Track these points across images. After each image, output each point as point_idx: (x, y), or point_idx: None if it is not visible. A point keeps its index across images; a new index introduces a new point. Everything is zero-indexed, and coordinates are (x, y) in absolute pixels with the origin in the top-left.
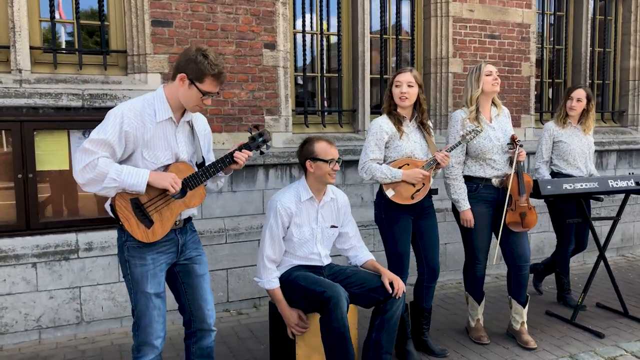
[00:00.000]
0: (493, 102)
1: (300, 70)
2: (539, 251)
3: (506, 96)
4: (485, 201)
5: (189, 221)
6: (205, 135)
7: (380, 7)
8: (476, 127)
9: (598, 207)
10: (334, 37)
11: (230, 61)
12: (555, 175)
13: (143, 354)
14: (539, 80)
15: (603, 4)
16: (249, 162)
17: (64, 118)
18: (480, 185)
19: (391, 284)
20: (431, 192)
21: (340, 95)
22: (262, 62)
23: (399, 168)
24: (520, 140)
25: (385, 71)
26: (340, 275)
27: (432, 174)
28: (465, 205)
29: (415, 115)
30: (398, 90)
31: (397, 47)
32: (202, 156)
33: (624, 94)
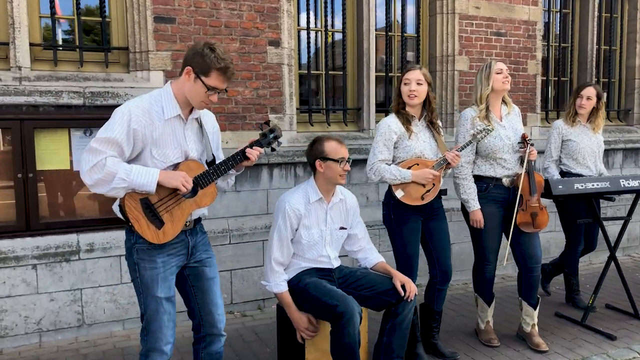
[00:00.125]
0: (503, 101)
1: (304, 68)
2: (546, 251)
3: (512, 94)
4: (496, 201)
5: (199, 222)
6: (214, 132)
7: (386, 4)
8: (487, 126)
9: (604, 207)
10: (339, 34)
11: (234, 58)
12: (565, 174)
13: None
14: (545, 78)
15: (609, 1)
16: None
17: (65, 116)
18: (491, 185)
19: (403, 287)
20: (441, 193)
21: (345, 93)
22: (267, 60)
23: (409, 168)
24: (531, 139)
25: (390, 69)
26: (351, 277)
27: (442, 174)
28: (475, 205)
29: (425, 114)
30: (407, 88)
31: (403, 45)
32: (212, 154)
33: (629, 92)
